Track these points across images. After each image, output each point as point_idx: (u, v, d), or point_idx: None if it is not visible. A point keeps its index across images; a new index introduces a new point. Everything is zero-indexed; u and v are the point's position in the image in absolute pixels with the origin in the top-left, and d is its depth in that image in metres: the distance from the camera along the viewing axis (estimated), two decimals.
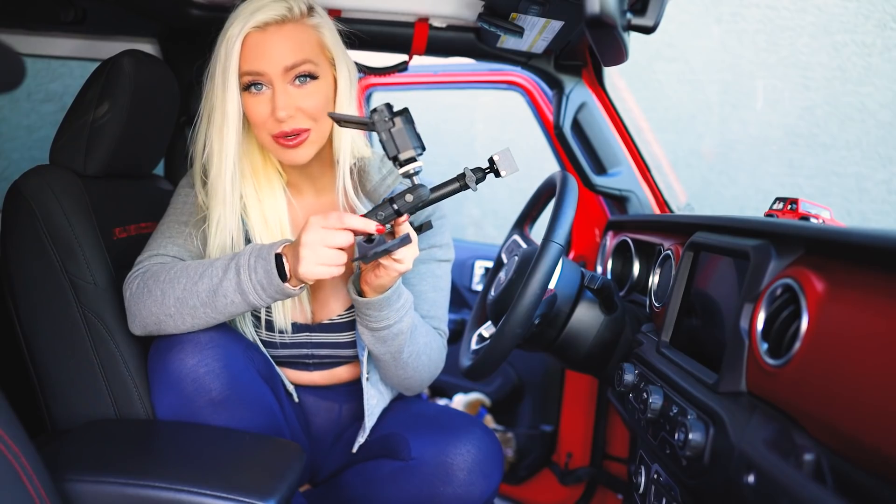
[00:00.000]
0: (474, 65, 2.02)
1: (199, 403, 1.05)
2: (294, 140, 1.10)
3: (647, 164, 1.82)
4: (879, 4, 3.25)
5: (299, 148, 1.12)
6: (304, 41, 1.11)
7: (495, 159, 1.02)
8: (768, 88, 3.46)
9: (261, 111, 1.10)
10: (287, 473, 0.98)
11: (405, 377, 1.20)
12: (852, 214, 3.32)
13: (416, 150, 0.97)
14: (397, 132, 0.96)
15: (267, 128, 1.11)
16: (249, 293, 1.01)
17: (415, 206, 1.00)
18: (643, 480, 1.17)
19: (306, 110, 1.10)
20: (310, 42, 1.12)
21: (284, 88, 1.09)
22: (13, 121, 2.76)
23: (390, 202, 1.00)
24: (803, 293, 0.77)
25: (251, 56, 1.09)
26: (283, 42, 1.09)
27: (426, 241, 1.26)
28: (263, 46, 1.08)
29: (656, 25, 0.84)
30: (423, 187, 1.00)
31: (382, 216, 1.00)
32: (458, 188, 1.03)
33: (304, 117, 1.11)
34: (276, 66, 1.08)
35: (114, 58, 1.20)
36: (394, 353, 1.15)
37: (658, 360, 1.13)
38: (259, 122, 1.11)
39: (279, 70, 1.08)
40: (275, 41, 1.09)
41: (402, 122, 0.97)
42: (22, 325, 1.14)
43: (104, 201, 1.22)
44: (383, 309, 1.09)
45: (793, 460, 0.70)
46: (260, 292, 1.01)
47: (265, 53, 1.08)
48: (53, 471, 0.84)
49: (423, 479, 1.15)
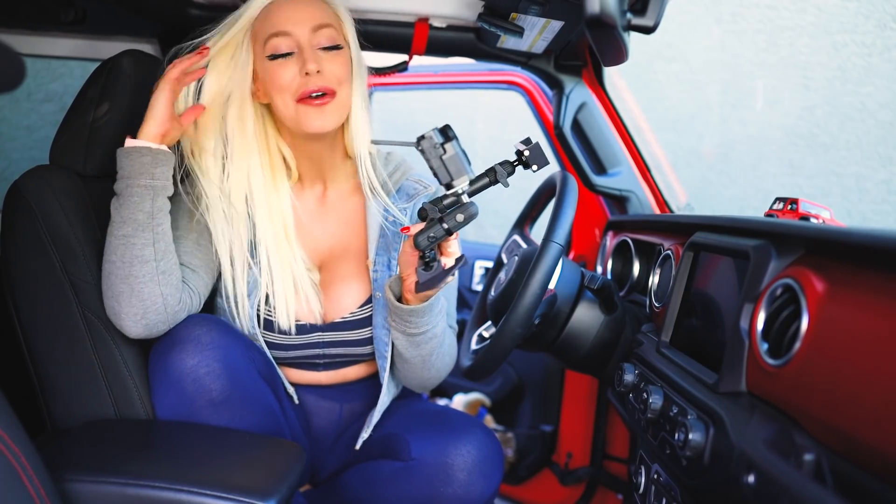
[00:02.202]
0: (474, 65, 2.02)
1: (199, 404, 1.05)
2: (320, 101, 1.12)
3: (647, 164, 1.82)
4: (879, 4, 3.26)
5: (324, 109, 1.13)
6: (328, 12, 1.16)
7: (524, 153, 0.97)
8: (768, 88, 3.46)
9: (287, 72, 1.12)
10: (287, 474, 0.98)
11: (428, 377, 1.21)
12: (852, 214, 3.32)
13: (469, 172, 0.94)
14: (449, 159, 0.93)
15: (292, 89, 1.12)
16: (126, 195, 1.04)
17: (465, 223, 0.97)
18: (643, 480, 1.16)
19: (334, 72, 1.13)
20: (333, 16, 1.17)
21: (312, 49, 1.13)
22: (13, 121, 2.76)
23: (440, 221, 0.96)
24: (803, 293, 0.77)
25: (278, 18, 1.12)
26: (308, 5, 1.14)
27: None
28: (290, 8, 1.13)
29: (656, 25, 0.84)
30: (473, 205, 0.97)
31: (433, 238, 0.97)
32: (489, 183, 0.99)
33: (333, 78, 1.13)
34: (303, 27, 1.12)
35: (114, 58, 1.20)
36: (425, 356, 1.17)
37: (658, 360, 1.13)
38: (284, 86, 1.12)
39: (307, 29, 1.12)
40: (301, 5, 1.14)
41: (454, 148, 0.93)
42: (22, 325, 1.14)
43: (104, 201, 1.22)
44: (425, 315, 1.10)
45: (793, 460, 0.70)
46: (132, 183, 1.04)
47: (292, 14, 1.13)
48: (53, 471, 0.84)
49: (424, 480, 1.15)
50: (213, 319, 1.12)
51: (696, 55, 3.52)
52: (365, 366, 1.32)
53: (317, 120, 1.13)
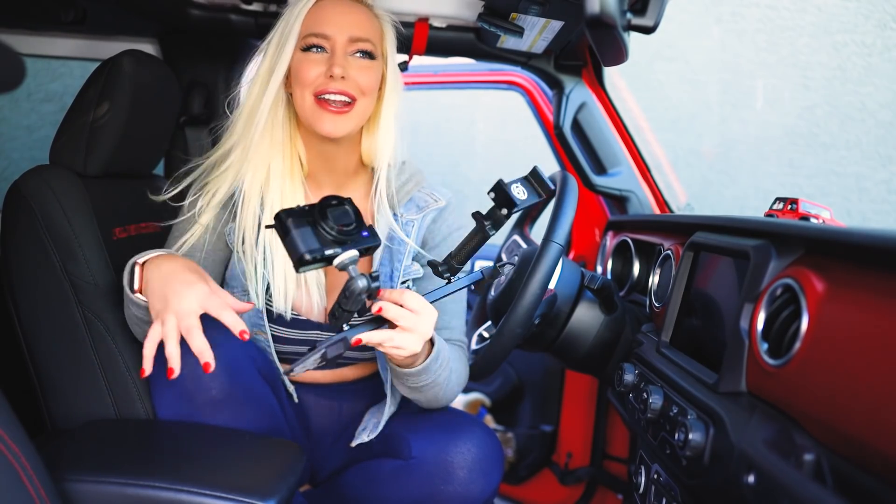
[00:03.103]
0: (474, 65, 2.02)
1: (199, 402, 1.05)
2: (337, 108, 1.12)
3: (647, 164, 1.82)
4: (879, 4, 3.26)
5: (339, 117, 1.13)
6: (371, 25, 1.17)
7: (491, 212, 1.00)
8: (768, 88, 3.46)
9: (314, 69, 1.12)
10: (287, 473, 0.98)
11: (436, 402, 1.20)
12: (852, 214, 3.32)
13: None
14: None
15: (315, 85, 1.12)
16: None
17: (354, 298, 0.91)
18: (643, 480, 1.16)
19: (358, 81, 1.13)
20: (375, 29, 1.18)
21: (345, 54, 1.13)
22: (13, 121, 2.76)
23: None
24: (803, 293, 0.77)
25: (321, 18, 1.13)
26: (354, 14, 1.15)
27: (447, 251, 1.25)
28: (335, 11, 1.14)
29: (656, 25, 0.84)
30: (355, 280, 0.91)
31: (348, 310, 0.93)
32: (482, 239, 1.03)
33: (355, 86, 1.13)
34: (343, 33, 1.13)
35: (114, 58, 1.20)
36: (430, 397, 1.15)
37: (658, 360, 1.13)
38: (308, 80, 1.12)
39: (345, 37, 1.13)
40: (348, 10, 1.15)
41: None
42: (22, 325, 1.14)
43: (104, 201, 1.22)
44: (422, 374, 1.08)
45: (793, 460, 0.70)
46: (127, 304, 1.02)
47: (336, 18, 1.13)
48: (53, 471, 0.84)
49: (424, 478, 1.15)
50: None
51: (696, 55, 3.52)
52: (364, 366, 1.32)
53: (329, 124, 1.13)
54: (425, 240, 1.28)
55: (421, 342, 0.99)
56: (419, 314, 0.97)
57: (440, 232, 1.28)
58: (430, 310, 0.99)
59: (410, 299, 0.97)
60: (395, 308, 0.96)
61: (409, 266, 1.24)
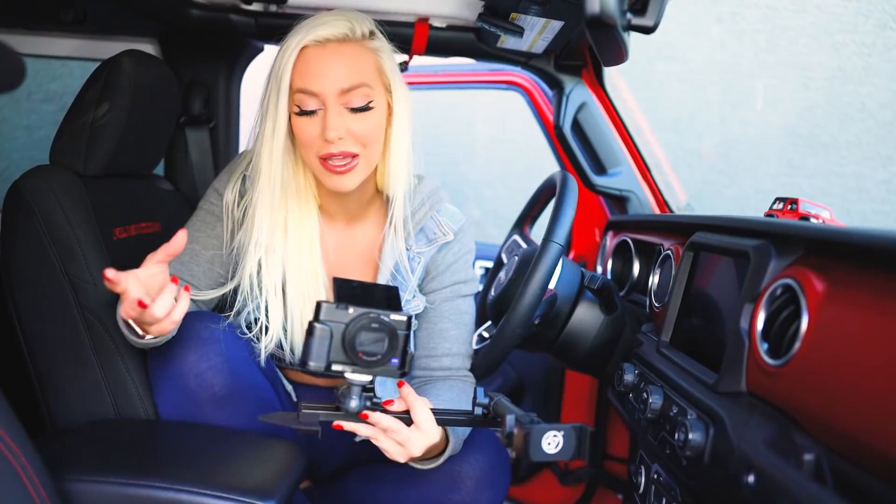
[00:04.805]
0: (474, 65, 2.02)
1: (201, 399, 1.05)
2: (343, 167, 1.08)
3: (647, 164, 1.82)
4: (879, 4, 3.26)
5: (346, 175, 1.09)
6: (363, 64, 1.09)
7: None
8: (768, 88, 3.46)
9: (310, 132, 1.07)
10: (287, 473, 0.98)
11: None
12: (852, 214, 3.32)
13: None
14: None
15: (315, 148, 1.08)
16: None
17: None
18: (643, 480, 1.16)
19: (357, 134, 1.08)
20: (368, 65, 1.09)
21: (338, 110, 1.06)
22: (13, 121, 2.76)
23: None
24: (803, 293, 0.77)
25: (307, 72, 1.06)
26: (341, 62, 1.06)
27: (451, 277, 1.25)
28: (321, 64, 1.06)
29: (656, 25, 0.84)
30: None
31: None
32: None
33: (354, 141, 1.08)
34: (331, 87, 1.05)
35: (114, 58, 1.20)
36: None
37: (658, 360, 1.13)
38: (307, 143, 1.08)
39: (335, 91, 1.06)
40: (333, 60, 1.06)
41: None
42: (22, 326, 1.14)
43: (104, 201, 1.22)
44: (438, 460, 1.06)
45: (793, 460, 0.70)
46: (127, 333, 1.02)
47: (322, 72, 1.06)
48: (53, 471, 0.84)
49: (431, 486, 1.14)
50: (210, 315, 1.11)
51: (696, 55, 3.52)
52: None
53: (337, 181, 1.09)
54: (428, 269, 1.26)
55: (405, 458, 0.96)
56: (417, 430, 0.94)
57: (444, 261, 1.26)
58: (431, 432, 0.95)
59: (420, 411, 0.94)
60: (390, 420, 0.93)
61: (410, 300, 1.23)
